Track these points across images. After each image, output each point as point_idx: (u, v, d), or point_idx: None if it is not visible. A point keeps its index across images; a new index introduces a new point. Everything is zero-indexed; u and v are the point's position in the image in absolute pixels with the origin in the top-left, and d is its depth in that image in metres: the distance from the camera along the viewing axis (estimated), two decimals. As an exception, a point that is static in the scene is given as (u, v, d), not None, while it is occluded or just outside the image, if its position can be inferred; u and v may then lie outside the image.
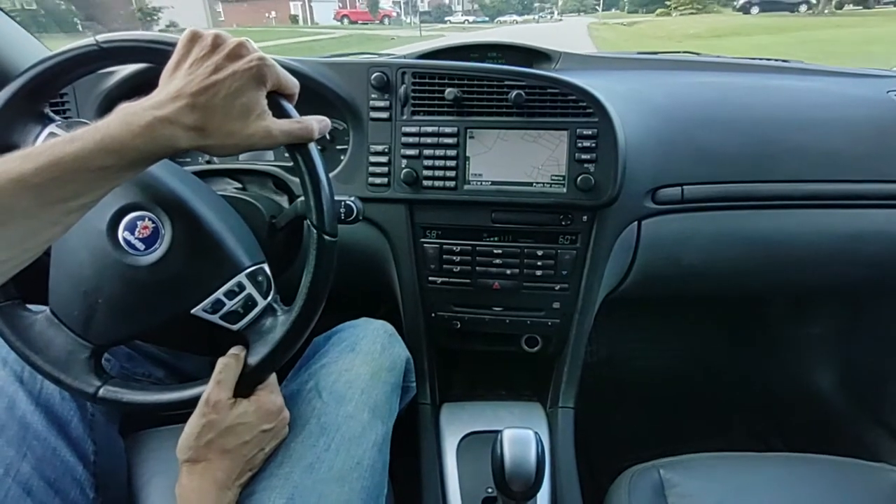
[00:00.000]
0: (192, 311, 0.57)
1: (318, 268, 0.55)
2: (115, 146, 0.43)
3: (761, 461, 0.77)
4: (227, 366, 0.56)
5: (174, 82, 0.46)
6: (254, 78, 0.47)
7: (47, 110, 0.56)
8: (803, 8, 20.28)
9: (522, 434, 0.65)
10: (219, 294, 0.57)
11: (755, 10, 21.35)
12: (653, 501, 0.69)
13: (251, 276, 0.58)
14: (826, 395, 1.34)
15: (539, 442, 0.65)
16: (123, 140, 0.43)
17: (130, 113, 0.44)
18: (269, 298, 0.59)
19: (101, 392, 0.57)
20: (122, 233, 0.56)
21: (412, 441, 0.94)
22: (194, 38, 0.48)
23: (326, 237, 0.55)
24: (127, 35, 0.53)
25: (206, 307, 0.57)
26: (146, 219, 0.56)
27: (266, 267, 0.61)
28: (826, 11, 17.69)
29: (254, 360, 0.57)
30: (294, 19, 36.04)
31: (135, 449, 0.73)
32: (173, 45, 0.49)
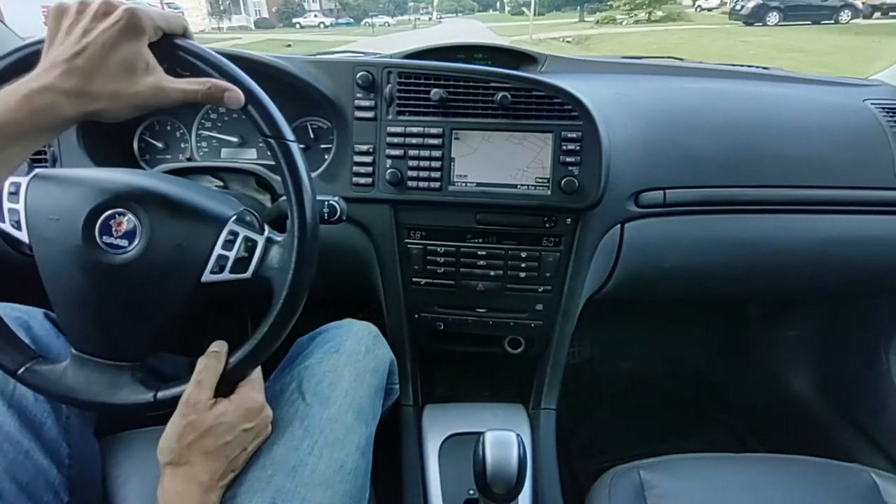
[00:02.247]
0: (203, 279, 0.56)
1: (293, 173, 0.54)
2: None
3: (739, 462, 0.78)
4: (207, 366, 0.55)
5: (48, 56, 0.46)
6: (125, 30, 0.46)
7: None
8: (846, 16, 13.72)
9: (504, 436, 0.65)
10: (217, 250, 0.56)
11: (773, 17, 14.16)
12: (633, 502, 0.70)
13: (239, 221, 0.58)
14: (802, 397, 1.37)
15: (521, 444, 0.65)
16: (1, 118, 0.42)
17: (7, 91, 0.44)
18: (266, 232, 0.58)
19: (158, 396, 0.57)
20: (101, 238, 0.55)
21: (394, 443, 0.94)
22: (59, 12, 0.47)
23: (286, 141, 0.54)
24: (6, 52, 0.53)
25: (213, 268, 0.56)
26: (116, 215, 0.55)
27: (249, 209, 0.61)
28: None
29: (282, 294, 0.55)
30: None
31: (110, 451, 0.72)
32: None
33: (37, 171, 0.58)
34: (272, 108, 0.54)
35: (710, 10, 23.38)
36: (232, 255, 0.56)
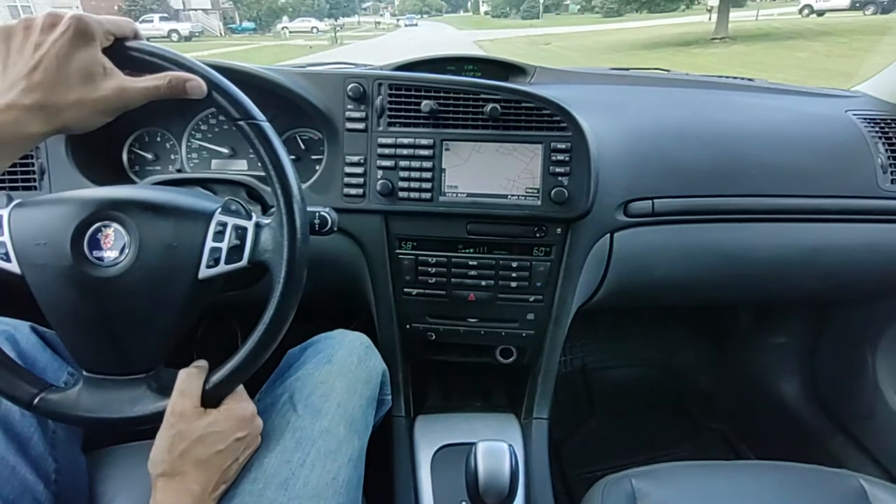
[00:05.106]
0: (200, 276, 0.55)
1: (269, 151, 0.54)
2: None
3: (730, 469, 0.78)
4: (190, 375, 0.55)
5: (6, 78, 0.46)
6: (76, 38, 0.46)
7: None
8: None
9: (496, 447, 0.65)
10: (208, 243, 0.56)
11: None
12: None
13: (225, 211, 0.58)
14: (791, 403, 1.38)
15: (513, 454, 0.65)
16: None
17: None
18: (255, 218, 0.58)
19: None
20: (91, 254, 0.54)
21: (386, 454, 0.94)
22: (6, 34, 0.47)
23: (257, 122, 0.54)
24: None
25: (208, 262, 0.56)
26: (102, 228, 0.55)
27: (234, 198, 0.61)
28: None
29: (280, 274, 0.54)
30: None
31: (98, 466, 0.71)
32: None
33: (16, 200, 0.58)
34: (237, 92, 0.54)
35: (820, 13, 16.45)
36: (224, 245, 0.56)
